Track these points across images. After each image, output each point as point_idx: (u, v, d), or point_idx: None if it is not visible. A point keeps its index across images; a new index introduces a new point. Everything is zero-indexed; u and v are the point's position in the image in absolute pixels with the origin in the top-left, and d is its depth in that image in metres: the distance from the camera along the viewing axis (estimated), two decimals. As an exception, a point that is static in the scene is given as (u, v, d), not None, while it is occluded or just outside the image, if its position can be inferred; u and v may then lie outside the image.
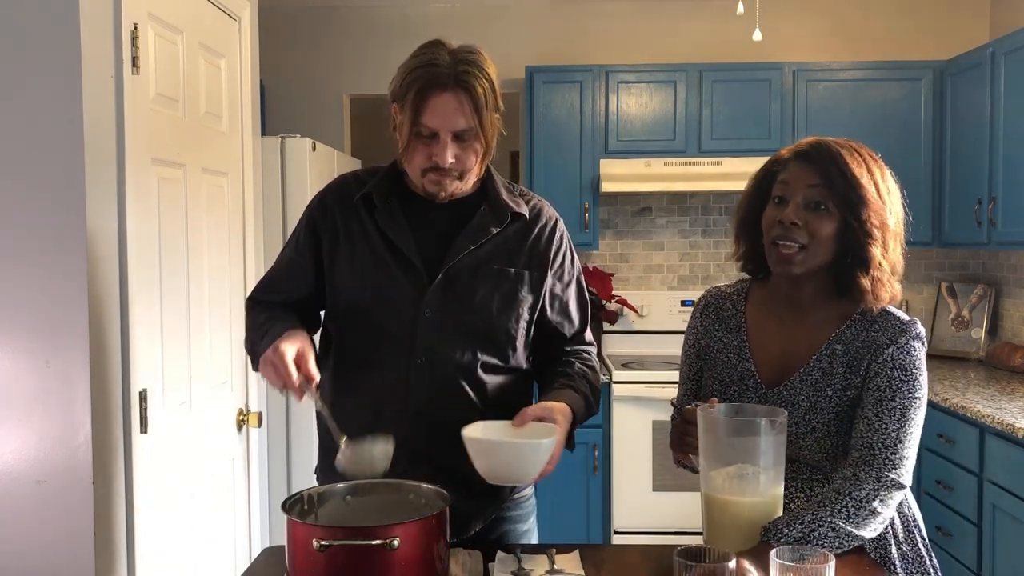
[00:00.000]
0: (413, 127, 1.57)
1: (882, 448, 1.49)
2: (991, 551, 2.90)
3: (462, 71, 1.55)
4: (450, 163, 1.59)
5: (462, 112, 1.56)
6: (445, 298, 1.65)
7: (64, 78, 1.81)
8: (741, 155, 4.07)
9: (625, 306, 4.37)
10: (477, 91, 1.56)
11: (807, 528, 1.44)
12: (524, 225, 1.72)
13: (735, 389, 1.65)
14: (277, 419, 3.32)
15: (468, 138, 1.59)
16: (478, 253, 1.67)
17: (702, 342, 1.73)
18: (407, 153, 1.62)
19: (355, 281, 1.69)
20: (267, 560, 1.58)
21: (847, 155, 1.54)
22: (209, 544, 2.51)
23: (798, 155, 1.58)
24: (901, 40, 4.39)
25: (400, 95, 1.60)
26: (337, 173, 3.73)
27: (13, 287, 1.81)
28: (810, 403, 1.58)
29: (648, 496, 3.81)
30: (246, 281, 2.79)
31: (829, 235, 1.53)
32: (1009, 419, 2.79)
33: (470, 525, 1.72)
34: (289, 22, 4.49)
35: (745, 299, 1.72)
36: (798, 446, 1.58)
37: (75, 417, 1.82)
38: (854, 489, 1.48)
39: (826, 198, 1.53)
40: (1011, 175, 3.44)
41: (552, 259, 1.74)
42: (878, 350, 1.55)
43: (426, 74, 1.55)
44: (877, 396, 1.53)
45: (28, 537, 1.83)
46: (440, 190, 1.63)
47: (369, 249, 1.68)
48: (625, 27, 4.48)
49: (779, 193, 1.58)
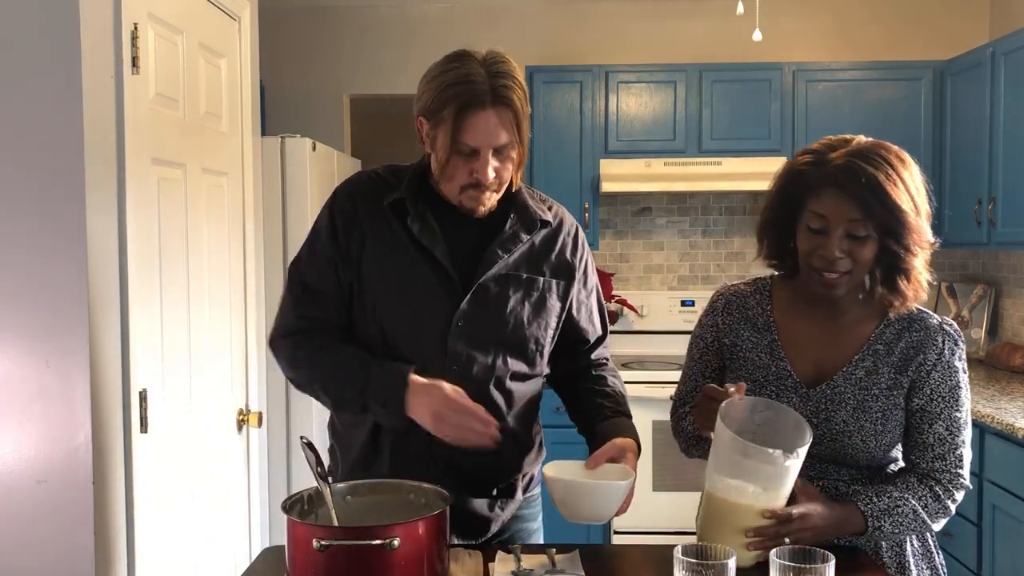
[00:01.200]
0: (453, 145, 1.54)
1: (952, 457, 1.57)
2: (991, 551, 2.90)
3: (500, 86, 1.52)
4: (491, 178, 1.56)
5: (503, 128, 1.53)
6: (478, 308, 1.63)
7: (64, 78, 1.81)
8: (741, 155, 4.08)
9: (625, 306, 4.37)
10: (516, 105, 1.53)
11: (893, 503, 1.53)
12: (550, 234, 1.71)
13: (771, 389, 1.64)
14: (277, 419, 3.32)
15: (507, 151, 1.57)
16: (508, 262, 1.65)
17: (726, 340, 1.71)
18: (445, 170, 1.58)
19: (386, 289, 1.64)
20: (267, 560, 1.58)
21: (883, 178, 1.48)
22: (209, 544, 2.51)
23: (833, 181, 1.51)
24: (901, 40, 4.39)
25: (434, 112, 1.55)
26: (337, 173, 3.74)
27: (13, 287, 1.81)
28: (857, 402, 1.59)
29: (648, 496, 3.81)
30: (246, 281, 2.79)
31: (871, 257, 1.53)
32: (1009, 419, 2.79)
33: (490, 527, 1.73)
34: (289, 22, 4.49)
35: (769, 297, 1.71)
36: (843, 444, 1.59)
37: (75, 417, 1.82)
38: (935, 484, 1.57)
39: (868, 228, 1.50)
40: (1011, 175, 3.44)
41: (577, 267, 1.74)
42: (927, 354, 1.58)
43: (464, 92, 1.51)
44: (944, 408, 1.57)
45: (28, 537, 1.83)
46: (479, 205, 1.61)
47: (401, 256, 1.63)
48: (625, 27, 4.48)
49: (817, 226, 1.53)
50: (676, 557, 1.28)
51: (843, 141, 1.56)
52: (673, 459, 3.80)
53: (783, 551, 1.27)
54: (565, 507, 1.53)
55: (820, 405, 1.60)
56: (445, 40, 4.49)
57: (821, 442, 1.58)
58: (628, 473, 1.54)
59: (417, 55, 4.80)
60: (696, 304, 4.38)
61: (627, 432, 1.65)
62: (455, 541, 1.66)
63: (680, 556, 1.28)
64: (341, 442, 1.77)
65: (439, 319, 1.62)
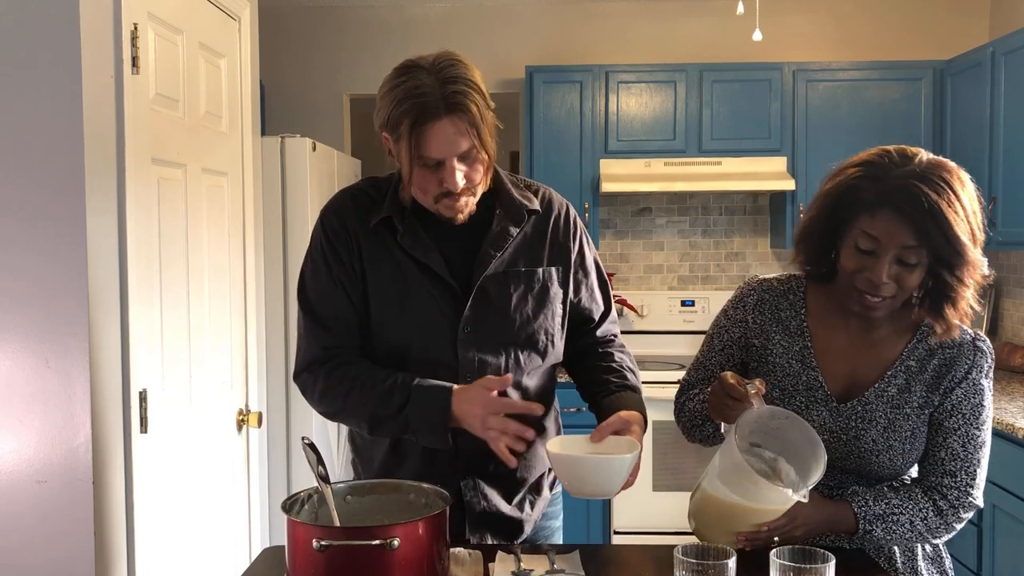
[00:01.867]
0: (416, 160, 1.52)
1: (963, 474, 1.53)
2: (991, 551, 2.89)
3: (450, 93, 1.48)
4: (461, 185, 1.54)
5: (461, 136, 1.50)
6: (482, 312, 1.62)
7: (64, 78, 1.81)
8: (741, 155, 4.08)
9: (625, 306, 4.37)
10: (472, 110, 1.49)
11: (890, 510, 1.50)
12: (540, 219, 1.69)
13: (800, 400, 1.58)
14: (277, 419, 3.32)
15: (472, 155, 1.54)
16: (503, 258, 1.64)
17: (755, 342, 1.64)
18: (414, 182, 1.56)
19: (388, 307, 1.63)
20: (267, 560, 1.58)
21: (944, 205, 1.38)
22: (209, 544, 2.51)
23: (891, 203, 1.41)
24: (901, 40, 4.39)
25: (392, 127, 1.52)
26: (337, 173, 3.74)
27: (13, 287, 1.81)
28: (888, 420, 1.54)
29: (648, 496, 3.81)
30: (246, 281, 2.79)
31: (917, 283, 1.46)
32: (1009, 419, 2.79)
33: (523, 529, 1.74)
34: (289, 22, 4.49)
35: (803, 300, 1.63)
36: (869, 462, 1.55)
37: (75, 417, 1.82)
38: (940, 498, 1.53)
39: (920, 256, 1.42)
40: (1011, 175, 3.44)
41: (572, 248, 1.73)
42: (956, 370, 1.54)
43: (416, 106, 1.48)
44: (963, 423, 1.53)
45: (28, 537, 1.83)
46: (456, 213, 1.59)
47: (397, 272, 1.62)
48: (625, 27, 4.48)
49: (868, 247, 1.44)
50: (676, 557, 1.28)
51: (903, 156, 1.45)
52: (673, 459, 3.80)
53: (783, 551, 1.27)
54: (570, 483, 1.50)
55: (850, 422, 1.55)
56: (445, 40, 4.50)
57: (847, 457, 1.56)
58: (633, 446, 1.50)
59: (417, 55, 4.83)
60: (696, 304, 4.38)
61: (632, 405, 1.63)
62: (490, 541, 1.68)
63: (680, 556, 1.28)
64: (363, 455, 1.76)
65: (445, 329, 1.61)
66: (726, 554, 1.27)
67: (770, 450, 1.47)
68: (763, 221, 4.49)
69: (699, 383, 1.70)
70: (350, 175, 4.04)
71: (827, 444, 1.51)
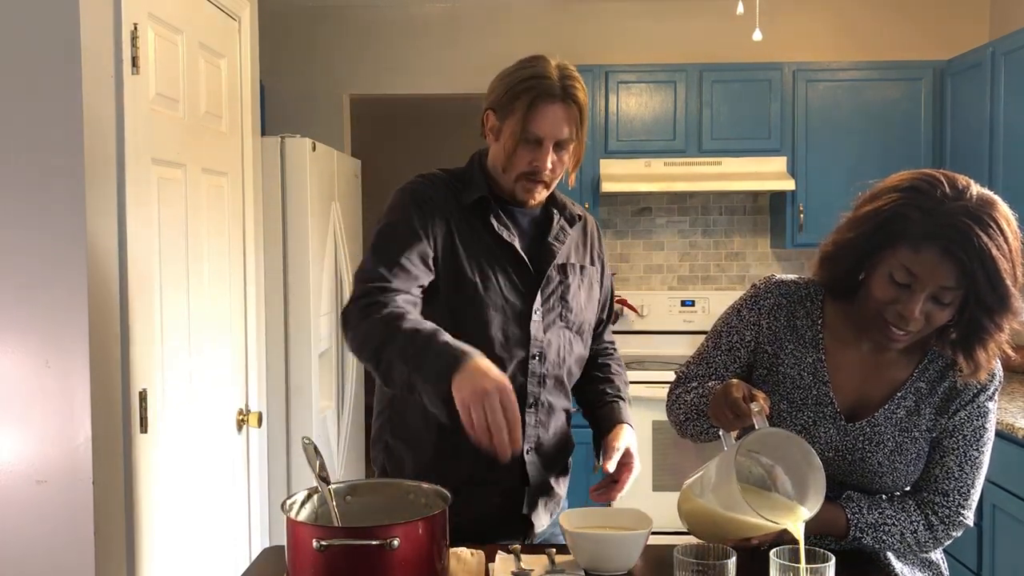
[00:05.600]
0: (521, 133, 1.67)
1: (957, 495, 1.52)
2: (991, 551, 2.89)
3: (569, 85, 1.67)
4: (548, 169, 1.70)
5: (567, 123, 1.68)
6: (551, 296, 1.77)
7: (64, 78, 1.81)
8: (741, 155, 4.08)
9: (625, 306, 4.37)
10: (582, 104, 1.69)
11: (883, 520, 1.50)
12: (582, 226, 1.88)
13: (808, 416, 1.54)
14: (277, 419, 3.32)
15: (566, 146, 1.70)
16: (564, 252, 1.80)
17: (767, 348, 1.58)
18: (510, 158, 1.70)
19: (466, 286, 1.70)
20: (267, 560, 1.58)
21: (995, 250, 1.32)
22: (209, 544, 2.51)
23: (939, 241, 1.34)
24: (901, 40, 4.39)
25: (505, 104, 1.69)
26: (337, 173, 3.74)
27: (13, 287, 1.81)
28: (895, 444, 1.51)
29: (648, 496, 3.81)
30: (246, 281, 2.79)
31: (945, 321, 1.41)
32: (1009, 419, 2.79)
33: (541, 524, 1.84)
34: (289, 22, 4.48)
35: (821, 310, 1.57)
36: (872, 481, 1.53)
37: (75, 417, 1.82)
38: (932, 514, 1.52)
39: (955, 296, 1.37)
40: (1011, 175, 3.44)
41: (602, 256, 1.95)
42: (968, 394, 1.51)
43: (538, 85, 1.66)
44: (962, 444, 1.52)
45: (28, 537, 1.83)
46: (531, 196, 1.74)
47: (484, 252, 1.72)
48: (625, 27, 4.48)
49: (904, 281, 1.38)
50: (676, 557, 1.28)
51: (955, 188, 1.36)
52: (673, 459, 3.80)
53: (783, 551, 1.27)
54: (591, 560, 1.47)
55: (857, 442, 1.52)
56: (446, 40, 4.52)
57: (850, 475, 1.54)
58: (649, 521, 1.53)
59: (417, 55, 4.83)
60: (696, 304, 4.38)
61: (624, 417, 1.84)
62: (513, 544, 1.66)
63: (680, 556, 1.28)
64: (411, 441, 1.74)
65: (520, 310, 1.73)
66: (726, 554, 1.27)
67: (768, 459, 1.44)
68: (763, 221, 4.49)
69: (699, 378, 1.64)
70: (350, 175, 4.04)
71: (831, 462, 1.50)
